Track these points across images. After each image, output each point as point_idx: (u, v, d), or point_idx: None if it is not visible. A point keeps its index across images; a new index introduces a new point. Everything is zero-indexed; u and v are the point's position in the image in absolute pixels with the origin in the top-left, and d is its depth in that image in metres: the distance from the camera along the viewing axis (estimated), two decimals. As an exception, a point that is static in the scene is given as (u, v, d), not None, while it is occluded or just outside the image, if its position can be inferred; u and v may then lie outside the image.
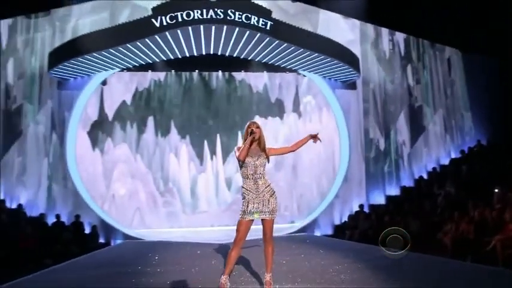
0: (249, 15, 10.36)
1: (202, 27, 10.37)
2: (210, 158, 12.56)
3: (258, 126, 4.01)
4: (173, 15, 10.14)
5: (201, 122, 12.60)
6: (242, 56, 11.85)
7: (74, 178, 11.44)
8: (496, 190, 8.39)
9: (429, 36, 13.29)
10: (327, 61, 11.57)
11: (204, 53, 11.57)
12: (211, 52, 11.58)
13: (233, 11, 10.23)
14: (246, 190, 3.96)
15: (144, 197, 12.17)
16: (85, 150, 11.88)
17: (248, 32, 10.54)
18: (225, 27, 10.40)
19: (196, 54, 11.59)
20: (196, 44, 11.13)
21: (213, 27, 10.42)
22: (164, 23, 10.15)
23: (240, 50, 11.53)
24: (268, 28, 10.50)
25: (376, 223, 10.09)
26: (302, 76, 12.81)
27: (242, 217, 3.93)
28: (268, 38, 10.69)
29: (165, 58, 11.65)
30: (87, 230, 11.00)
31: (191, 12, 10.12)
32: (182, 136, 12.50)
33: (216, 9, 10.17)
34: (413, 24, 12.74)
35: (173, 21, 10.16)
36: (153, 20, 10.19)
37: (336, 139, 12.55)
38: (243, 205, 3.95)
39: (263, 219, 3.95)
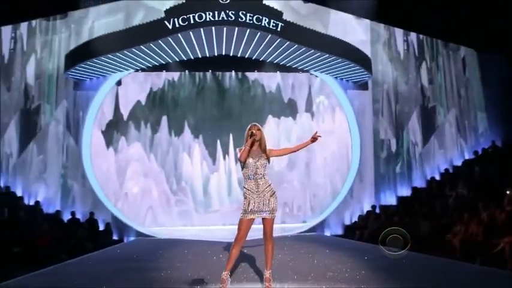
0: (260, 16, 10.47)
1: (214, 28, 10.53)
2: (223, 158, 12.70)
3: (259, 128, 4.16)
4: (185, 17, 10.32)
5: (214, 122, 12.73)
6: (254, 57, 11.97)
7: (89, 176, 11.71)
8: (508, 192, 8.30)
9: (443, 35, 13.15)
10: (338, 62, 11.59)
11: (216, 54, 11.74)
12: (223, 53, 11.73)
13: (244, 13, 10.37)
14: (247, 190, 4.09)
15: (157, 196, 12.37)
16: (100, 149, 12.15)
17: (259, 34, 10.65)
18: (237, 28, 10.53)
19: (208, 55, 11.76)
20: (208, 46, 11.30)
21: (225, 28, 10.57)
22: (177, 25, 10.34)
23: (252, 51, 11.66)
24: (279, 29, 10.59)
25: (385, 224, 10.08)
26: (315, 76, 12.84)
27: (243, 216, 4.07)
28: (279, 40, 10.78)
29: (178, 59, 11.85)
30: (101, 227, 11.27)
31: (203, 14, 10.29)
32: (195, 136, 12.67)
33: (228, 10, 10.32)
34: (426, 24, 12.64)
35: (185, 23, 10.34)
36: (166, 22, 10.38)
37: (349, 139, 12.48)
38: (244, 204, 4.08)
39: (263, 218, 4.08)
